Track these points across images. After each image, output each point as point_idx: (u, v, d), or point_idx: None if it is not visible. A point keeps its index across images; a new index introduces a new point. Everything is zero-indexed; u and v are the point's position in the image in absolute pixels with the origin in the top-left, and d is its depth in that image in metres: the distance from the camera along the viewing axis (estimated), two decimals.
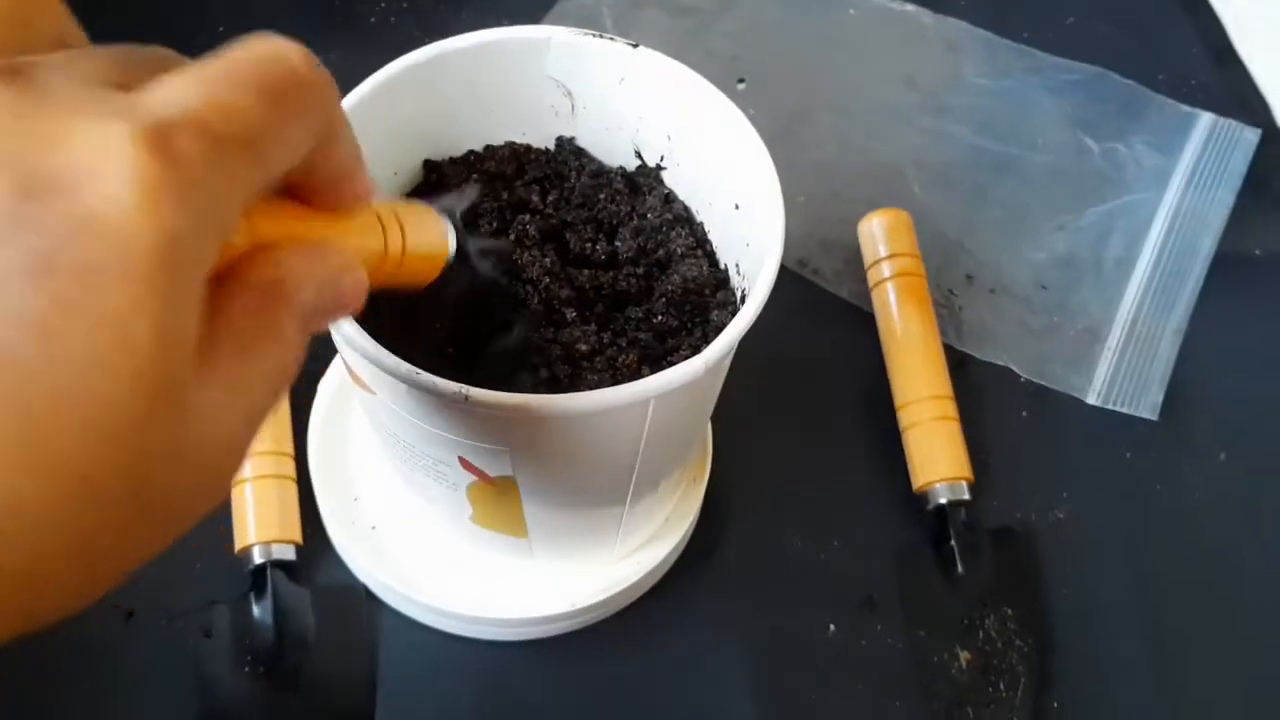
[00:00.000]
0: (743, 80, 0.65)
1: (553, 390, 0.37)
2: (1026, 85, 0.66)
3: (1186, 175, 0.63)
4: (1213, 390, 0.56)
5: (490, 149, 0.43)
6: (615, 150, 0.44)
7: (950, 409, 0.52)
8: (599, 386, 0.34)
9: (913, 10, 0.69)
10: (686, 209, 0.43)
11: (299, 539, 0.47)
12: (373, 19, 0.66)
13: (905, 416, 0.52)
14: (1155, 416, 0.55)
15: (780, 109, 0.64)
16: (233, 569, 0.46)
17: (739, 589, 0.49)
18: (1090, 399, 0.55)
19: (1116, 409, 0.55)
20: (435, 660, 0.47)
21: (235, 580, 0.46)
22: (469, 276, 0.34)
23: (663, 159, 0.43)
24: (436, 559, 0.47)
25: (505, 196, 0.42)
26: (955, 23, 0.68)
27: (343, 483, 0.48)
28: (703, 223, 0.43)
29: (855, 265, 0.58)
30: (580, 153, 0.44)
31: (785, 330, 0.55)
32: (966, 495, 0.50)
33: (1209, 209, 0.62)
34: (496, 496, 0.39)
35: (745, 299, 0.37)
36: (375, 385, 0.36)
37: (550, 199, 0.43)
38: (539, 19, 0.65)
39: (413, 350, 0.34)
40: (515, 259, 0.39)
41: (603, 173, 0.43)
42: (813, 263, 0.59)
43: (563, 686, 0.47)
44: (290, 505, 0.47)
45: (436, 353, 0.38)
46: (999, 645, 0.48)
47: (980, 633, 0.48)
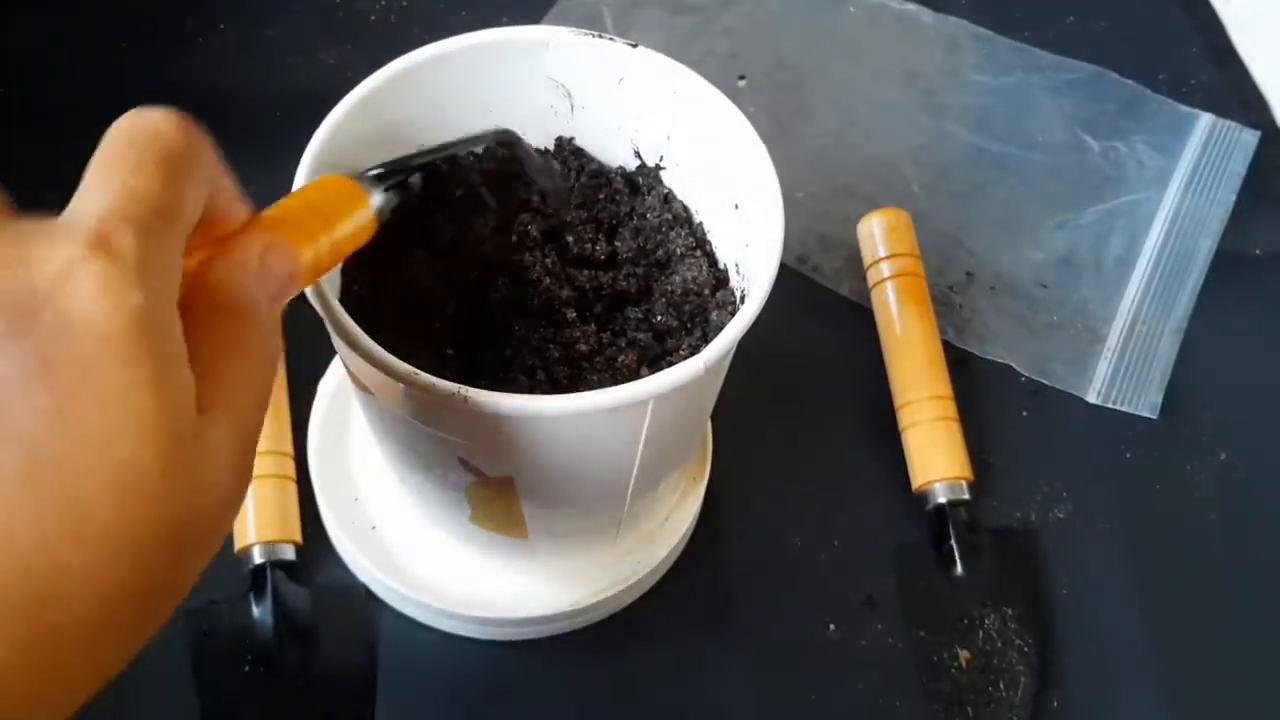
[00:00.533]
0: (743, 78, 0.65)
1: (552, 391, 0.37)
2: (1026, 84, 0.66)
3: (1186, 175, 0.63)
4: (1212, 389, 0.56)
5: (490, 149, 0.43)
6: (614, 150, 0.44)
7: (950, 409, 0.52)
8: (598, 387, 0.34)
9: (913, 9, 0.69)
10: (686, 209, 0.43)
11: (299, 539, 0.47)
12: (373, 18, 0.66)
13: (905, 416, 0.52)
14: (1155, 415, 0.55)
15: (780, 106, 0.64)
16: (233, 569, 0.46)
17: (739, 589, 0.49)
18: (1090, 398, 0.55)
19: (1116, 408, 0.55)
20: (435, 660, 0.47)
21: (235, 580, 0.46)
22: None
23: (662, 159, 0.43)
24: (436, 559, 0.47)
25: (504, 196, 0.42)
26: (955, 21, 0.68)
27: (343, 483, 0.48)
28: (702, 223, 0.43)
29: (855, 263, 0.58)
30: (580, 153, 0.44)
31: (785, 330, 0.55)
32: (966, 495, 0.50)
33: (1209, 209, 0.62)
34: (496, 497, 0.39)
35: (745, 299, 0.38)
36: (374, 386, 0.36)
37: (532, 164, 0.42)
38: (538, 19, 0.65)
39: (412, 349, 0.34)
40: (441, 166, 0.39)
41: (602, 173, 0.43)
42: (812, 259, 0.59)
43: (563, 686, 0.47)
44: (290, 505, 0.47)
45: (436, 352, 0.38)
46: (999, 645, 0.48)
47: (980, 632, 0.48)
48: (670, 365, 0.34)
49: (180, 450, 0.21)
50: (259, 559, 0.46)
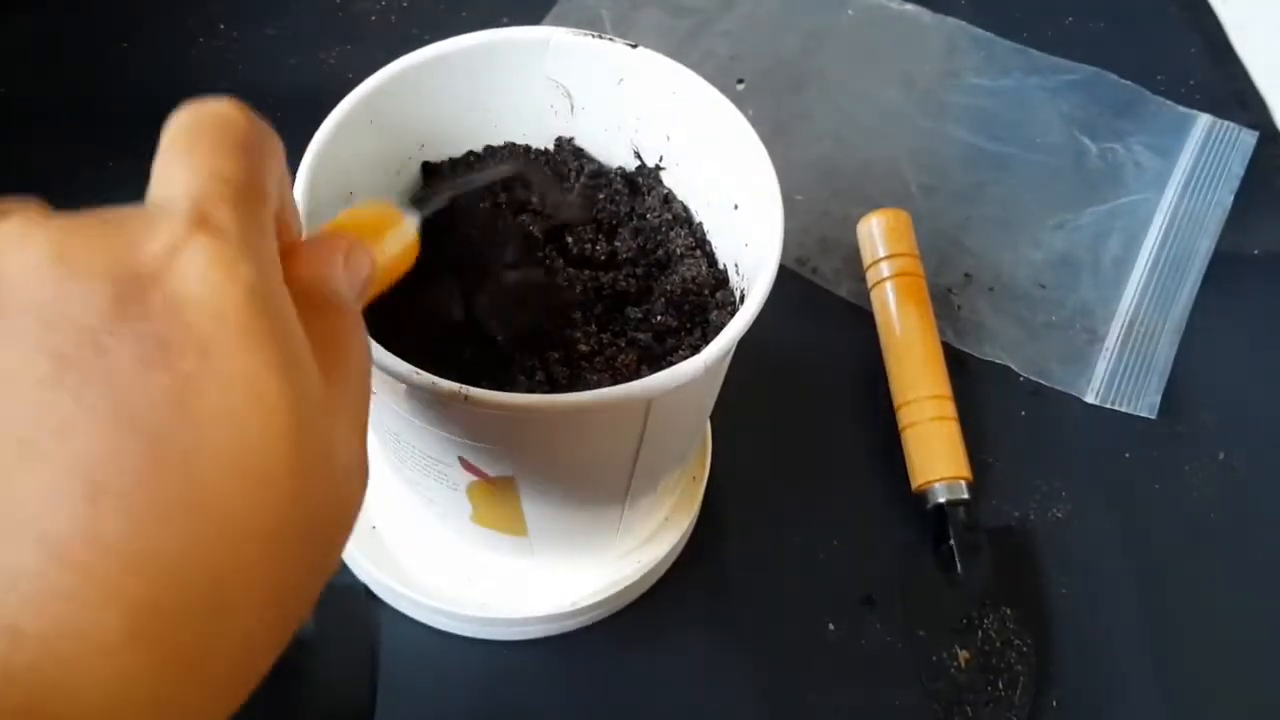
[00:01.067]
0: (742, 81, 0.65)
1: (552, 390, 0.37)
2: (1025, 85, 0.66)
3: (1185, 176, 0.63)
4: (1211, 389, 0.56)
5: (490, 149, 0.43)
6: (614, 150, 0.44)
7: (949, 409, 0.52)
8: (598, 386, 0.34)
9: (912, 10, 0.69)
10: (685, 209, 0.43)
11: None
12: (373, 18, 0.66)
13: (904, 416, 0.52)
14: (1154, 415, 0.55)
15: (779, 108, 0.64)
16: None
17: (738, 588, 0.49)
18: (1089, 398, 0.56)
19: (1115, 408, 0.55)
20: (435, 660, 0.47)
21: None
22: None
23: (662, 159, 0.43)
24: (437, 559, 0.47)
25: (505, 197, 0.42)
26: (954, 22, 0.68)
27: None
28: (701, 223, 0.43)
29: (854, 264, 0.58)
30: (579, 153, 0.44)
31: (785, 330, 0.55)
32: (965, 494, 0.50)
33: (1207, 209, 0.62)
34: (496, 496, 0.39)
35: (744, 299, 0.38)
36: (375, 385, 0.36)
37: (550, 199, 0.43)
38: (538, 20, 0.65)
39: (412, 348, 0.34)
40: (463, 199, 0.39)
41: (602, 173, 0.44)
42: (811, 261, 0.59)
43: (563, 686, 0.47)
44: None
45: (437, 351, 0.38)
46: (998, 644, 0.48)
47: (979, 632, 0.48)
48: (670, 365, 0.34)
49: (309, 439, 0.20)
50: None
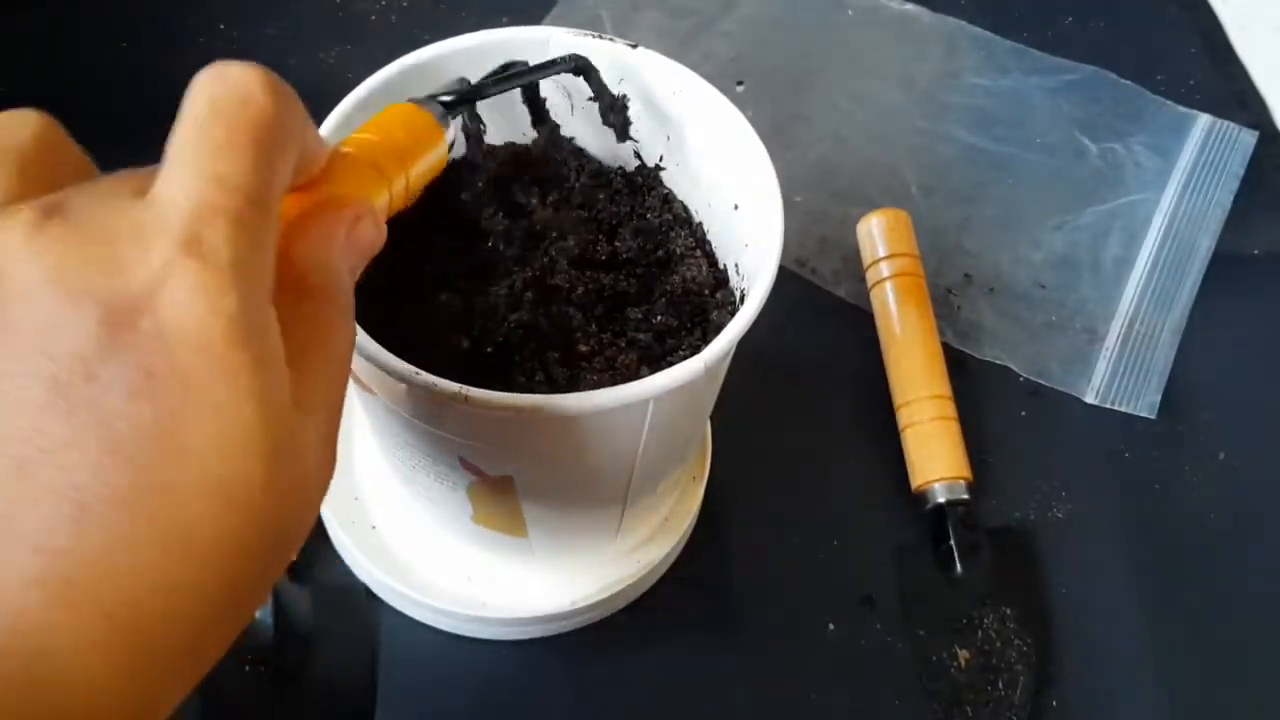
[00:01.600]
0: (741, 83, 0.65)
1: (551, 391, 0.37)
2: (1025, 85, 0.66)
3: (1185, 176, 0.63)
4: (1211, 389, 0.56)
5: (491, 149, 0.43)
6: (615, 150, 0.44)
7: (949, 409, 0.52)
8: (598, 387, 0.34)
9: (912, 10, 0.69)
10: (686, 209, 0.43)
11: None
12: (373, 18, 0.66)
13: (904, 416, 0.52)
14: (1153, 415, 0.55)
15: (778, 109, 0.64)
16: None
17: (739, 588, 0.49)
18: (1089, 398, 0.56)
19: (1115, 408, 0.55)
20: (435, 659, 0.47)
21: None
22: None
23: (662, 159, 0.43)
24: (437, 559, 0.47)
25: (505, 197, 0.42)
26: (954, 22, 0.68)
27: (343, 482, 0.48)
28: (701, 223, 0.43)
29: (853, 265, 0.58)
30: (580, 153, 0.44)
31: (784, 331, 0.55)
32: (965, 495, 0.50)
33: (1207, 210, 0.62)
34: (496, 496, 0.39)
35: (744, 299, 0.38)
36: (375, 385, 0.36)
37: (550, 199, 0.43)
38: (538, 20, 0.65)
39: (413, 348, 0.34)
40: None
41: (602, 173, 0.44)
42: (811, 262, 0.59)
43: (563, 686, 0.47)
44: None
45: (437, 351, 0.38)
46: (998, 644, 0.48)
47: (979, 632, 0.48)
48: (670, 365, 0.34)
49: (280, 460, 0.21)
50: None
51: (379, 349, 0.33)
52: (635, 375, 0.38)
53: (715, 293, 0.41)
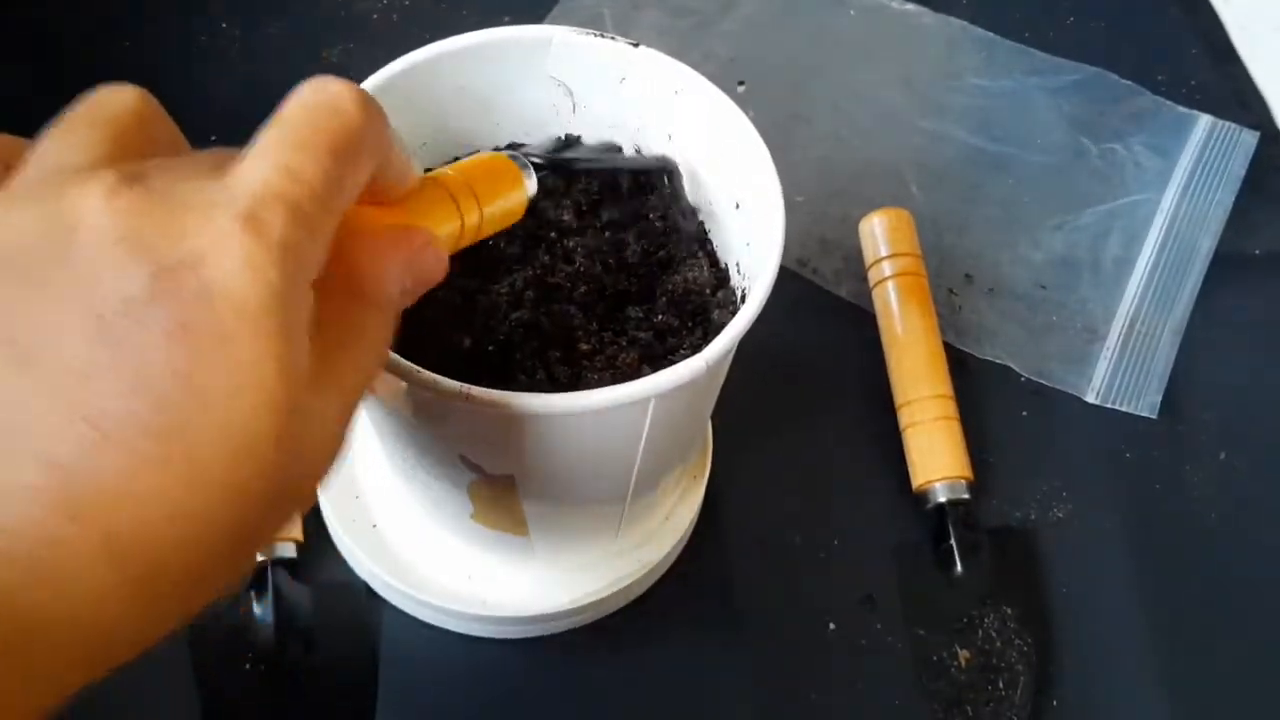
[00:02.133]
0: (743, 83, 0.65)
1: (553, 389, 0.37)
2: (1025, 85, 0.66)
3: (1185, 176, 0.63)
4: (1212, 389, 0.56)
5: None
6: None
7: (950, 408, 0.52)
8: (600, 385, 0.34)
9: (913, 10, 0.69)
10: (687, 208, 0.43)
11: (300, 536, 0.47)
12: (374, 16, 0.66)
13: (905, 415, 0.52)
14: (1154, 415, 0.55)
15: (779, 109, 0.64)
16: None
17: (739, 587, 0.49)
18: (1089, 398, 0.56)
19: (1116, 408, 0.55)
20: (436, 658, 0.47)
21: None
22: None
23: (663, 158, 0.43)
24: (437, 557, 0.47)
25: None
26: (955, 22, 0.68)
27: (344, 480, 0.48)
28: (703, 222, 0.43)
29: (854, 264, 0.58)
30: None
31: (785, 330, 0.55)
32: (966, 494, 0.50)
33: (1208, 210, 0.62)
34: (497, 495, 0.39)
35: (745, 298, 0.38)
36: (376, 383, 0.36)
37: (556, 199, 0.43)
38: (540, 19, 0.65)
39: (414, 347, 0.34)
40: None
41: (605, 172, 0.43)
42: (812, 262, 0.59)
43: (563, 685, 0.47)
44: None
45: (438, 350, 0.38)
46: (998, 644, 0.48)
47: (980, 631, 0.48)
48: (671, 364, 0.34)
49: (292, 421, 0.23)
50: (259, 556, 0.46)
51: None
52: (636, 374, 0.38)
53: (716, 292, 0.41)
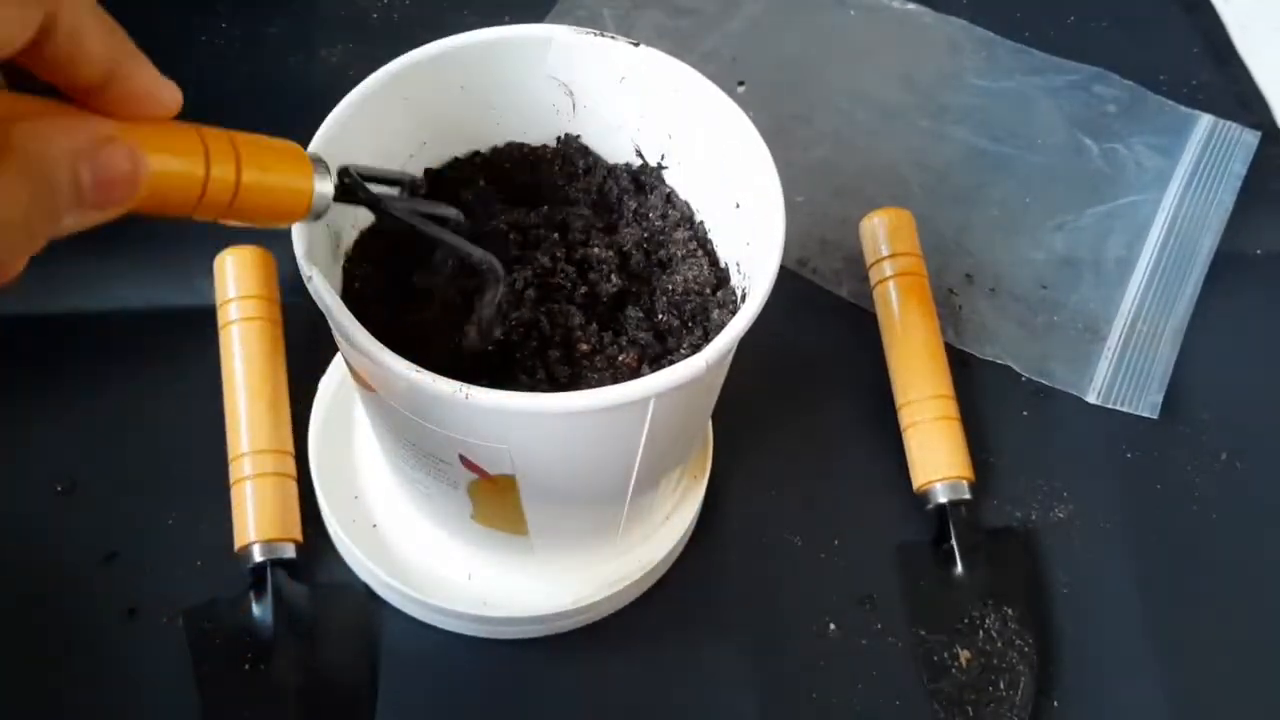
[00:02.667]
0: (743, 83, 0.65)
1: (553, 389, 0.37)
2: (1026, 85, 0.66)
3: (1186, 177, 0.63)
4: (1213, 389, 0.56)
5: (496, 151, 0.44)
6: (616, 149, 0.44)
7: (951, 408, 0.52)
8: (599, 385, 0.34)
9: (913, 10, 0.69)
10: (688, 207, 0.43)
11: (299, 537, 0.47)
12: (375, 16, 0.66)
13: (906, 415, 0.52)
14: (1155, 415, 0.55)
15: (780, 109, 0.64)
16: (233, 567, 0.46)
17: (739, 588, 0.49)
18: (1090, 398, 0.55)
19: (1117, 408, 0.55)
20: (435, 658, 0.47)
21: (236, 578, 0.46)
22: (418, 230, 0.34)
23: (664, 158, 0.43)
24: (437, 557, 0.47)
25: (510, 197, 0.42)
26: (956, 22, 0.68)
27: (343, 481, 0.48)
28: (703, 221, 0.43)
29: (854, 264, 0.58)
30: (585, 151, 0.44)
31: (785, 330, 0.55)
32: (967, 494, 0.50)
33: (1209, 210, 0.62)
34: (497, 494, 0.39)
35: (745, 298, 0.38)
36: (377, 383, 0.36)
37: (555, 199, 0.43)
38: (540, 18, 0.65)
39: (414, 346, 0.34)
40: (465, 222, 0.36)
41: (606, 172, 0.43)
42: (812, 262, 0.59)
43: (563, 685, 0.47)
44: (291, 503, 0.47)
45: (438, 350, 0.38)
46: (999, 644, 0.48)
47: (980, 632, 0.48)
48: (671, 364, 0.34)
49: None
50: (259, 557, 0.46)
51: (380, 347, 0.33)
52: (636, 374, 0.38)
53: (716, 292, 0.41)
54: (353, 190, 0.33)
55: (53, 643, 0.46)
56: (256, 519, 0.46)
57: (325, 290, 0.34)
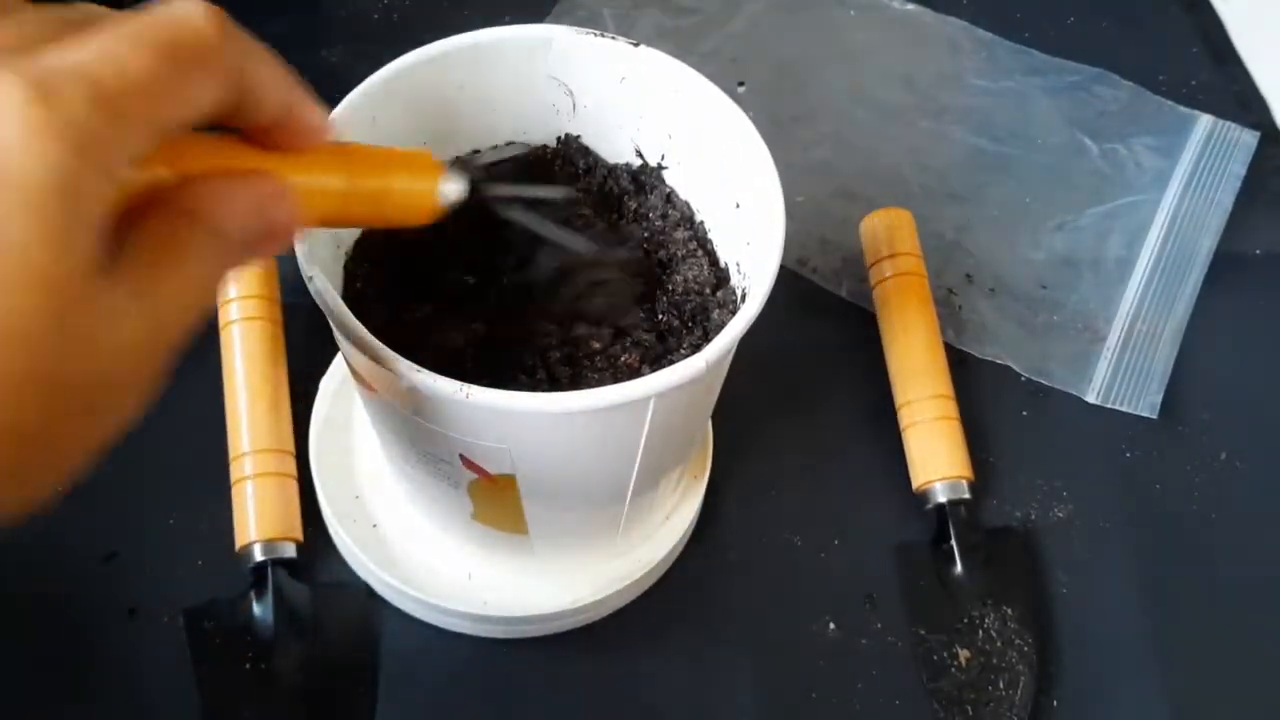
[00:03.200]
0: (743, 83, 0.65)
1: (553, 389, 0.37)
2: (1026, 86, 0.66)
3: (1186, 176, 0.63)
4: (1212, 389, 0.56)
5: (495, 150, 0.44)
6: (616, 149, 0.44)
7: (951, 408, 0.52)
8: (600, 385, 0.34)
9: (913, 10, 0.69)
10: (688, 207, 0.43)
11: (300, 537, 0.47)
12: (375, 15, 0.66)
13: (905, 415, 0.52)
14: (1155, 415, 0.55)
15: (780, 109, 0.64)
16: (234, 567, 0.46)
17: (739, 587, 0.49)
18: (1090, 398, 0.56)
19: (1116, 408, 0.55)
20: (436, 658, 0.47)
21: (236, 578, 0.46)
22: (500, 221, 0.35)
23: (664, 158, 0.43)
24: (437, 557, 0.47)
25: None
26: (956, 23, 0.68)
27: (344, 480, 0.48)
28: (703, 221, 0.43)
29: (854, 264, 0.58)
30: (586, 151, 0.44)
31: (785, 330, 0.55)
32: (966, 494, 0.50)
33: (1208, 210, 0.62)
34: (497, 494, 0.39)
35: (746, 298, 0.38)
36: (377, 382, 0.36)
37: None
38: (540, 18, 0.65)
39: (414, 346, 0.34)
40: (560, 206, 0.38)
41: (606, 171, 0.44)
42: (812, 262, 0.59)
43: (563, 685, 0.47)
44: (291, 503, 0.47)
45: (439, 349, 0.38)
46: (999, 644, 0.48)
47: (980, 632, 0.48)
48: (671, 364, 0.34)
49: (76, 309, 0.21)
50: (260, 556, 0.46)
51: (381, 346, 0.33)
52: (636, 374, 0.38)
53: (716, 292, 0.41)
54: (476, 184, 0.34)
55: (53, 643, 0.46)
56: (257, 518, 0.46)
57: (326, 290, 0.34)
